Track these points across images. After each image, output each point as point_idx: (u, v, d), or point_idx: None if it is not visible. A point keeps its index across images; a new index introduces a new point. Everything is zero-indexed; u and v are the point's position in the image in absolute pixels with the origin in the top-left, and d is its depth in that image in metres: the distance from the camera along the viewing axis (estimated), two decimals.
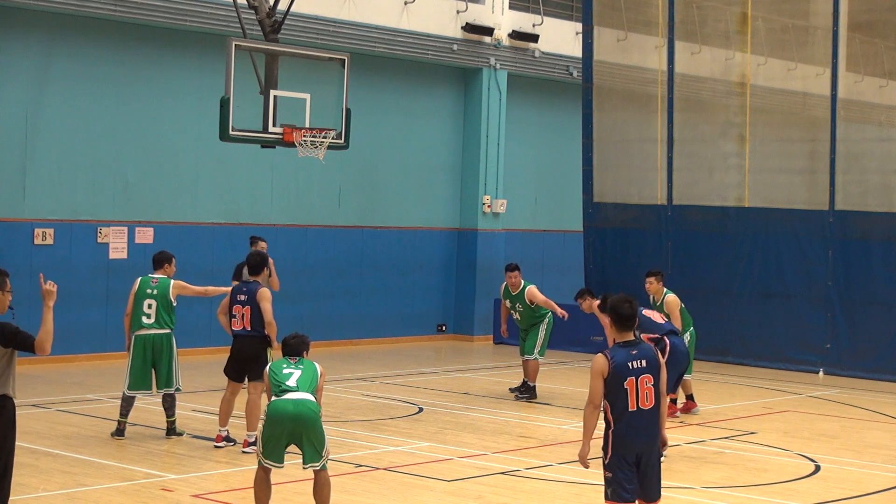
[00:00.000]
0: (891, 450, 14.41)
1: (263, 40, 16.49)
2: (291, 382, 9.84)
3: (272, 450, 9.79)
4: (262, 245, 19.06)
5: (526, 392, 17.10)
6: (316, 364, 10.09)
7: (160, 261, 13.77)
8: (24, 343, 9.00)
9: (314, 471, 9.93)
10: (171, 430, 13.53)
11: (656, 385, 8.44)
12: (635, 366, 8.37)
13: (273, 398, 9.83)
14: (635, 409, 8.34)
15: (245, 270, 13.99)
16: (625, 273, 23.92)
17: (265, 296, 13.00)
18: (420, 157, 24.52)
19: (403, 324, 24.37)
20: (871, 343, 20.68)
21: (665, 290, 16.28)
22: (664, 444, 8.64)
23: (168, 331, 13.42)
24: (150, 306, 13.43)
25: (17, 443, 12.88)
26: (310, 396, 9.82)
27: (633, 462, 8.40)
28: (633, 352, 8.42)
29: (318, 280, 22.70)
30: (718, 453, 13.82)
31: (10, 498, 10.59)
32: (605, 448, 8.46)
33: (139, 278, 13.74)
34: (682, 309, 16.29)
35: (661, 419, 8.56)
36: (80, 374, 18.35)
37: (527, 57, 25.57)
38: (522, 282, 17.32)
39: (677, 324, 15.32)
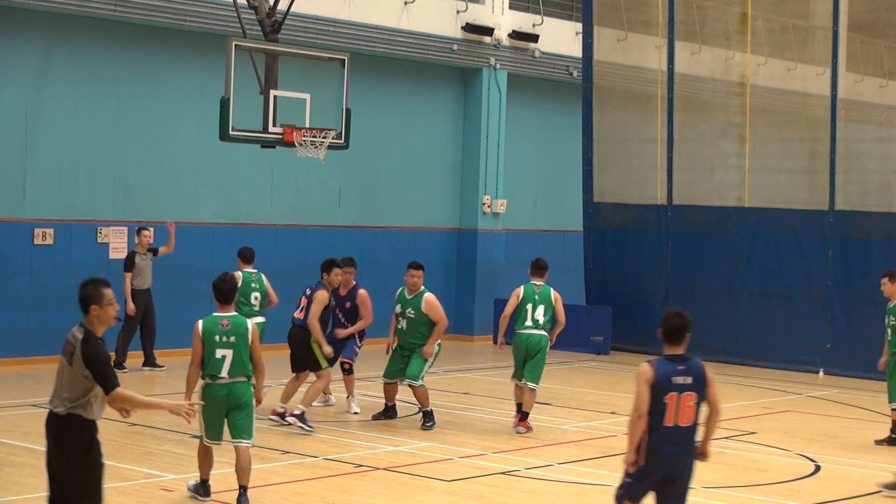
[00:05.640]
0: (891, 450, 14.42)
1: (263, 40, 16.49)
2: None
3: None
4: (147, 233, 18.98)
5: (427, 419, 14.75)
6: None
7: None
8: (102, 380, 7.66)
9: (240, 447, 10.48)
10: None
11: (698, 404, 8.15)
12: (679, 381, 8.10)
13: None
14: (671, 425, 8.09)
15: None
16: (625, 273, 23.95)
17: (318, 298, 14.23)
18: (420, 157, 24.52)
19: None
20: (871, 343, 20.60)
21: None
22: (704, 455, 8.41)
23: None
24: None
25: (17, 443, 12.93)
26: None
27: (659, 477, 8.17)
28: (680, 367, 8.16)
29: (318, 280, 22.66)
30: (718, 453, 13.80)
31: (10, 498, 10.60)
32: (636, 458, 8.21)
33: None
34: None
35: (709, 433, 8.35)
36: None
37: (527, 57, 25.57)
38: (423, 287, 14.90)
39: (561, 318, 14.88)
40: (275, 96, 16.07)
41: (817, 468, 13.16)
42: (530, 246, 26.50)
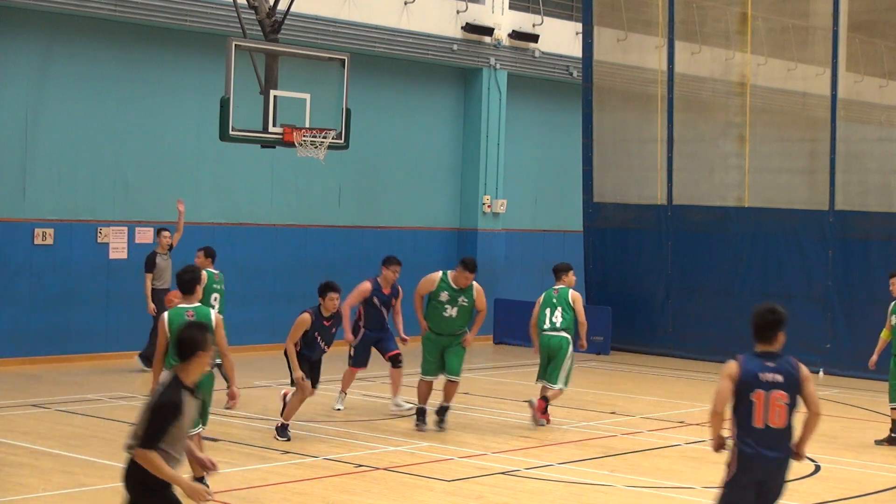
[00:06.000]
0: (891, 450, 14.42)
1: (263, 40, 16.49)
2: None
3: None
4: (167, 234, 18.86)
5: (442, 415, 14.68)
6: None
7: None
8: (145, 430, 6.92)
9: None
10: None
11: (790, 405, 7.70)
12: (767, 378, 7.68)
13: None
14: (761, 426, 7.66)
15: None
16: (625, 273, 23.95)
17: (297, 322, 13.56)
18: (420, 157, 24.52)
19: (403, 324, 24.32)
20: (871, 343, 20.56)
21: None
22: (800, 456, 8.00)
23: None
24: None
25: (17, 443, 12.93)
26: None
27: (754, 484, 7.73)
28: (769, 363, 7.76)
29: (318, 280, 22.55)
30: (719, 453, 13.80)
31: (10, 498, 10.60)
32: (729, 464, 7.80)
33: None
34: None
35: (806, 433, 7.89)
36: (80, 374, 18.34)
37: (527, 57, 25.57)
38: None
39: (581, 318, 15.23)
40: (275, 96, 16.07)
41: (817, 468, 13.15)
42: (530, 246, 26.51)
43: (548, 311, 15.14)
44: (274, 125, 16.05)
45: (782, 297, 21.66)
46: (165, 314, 10.75)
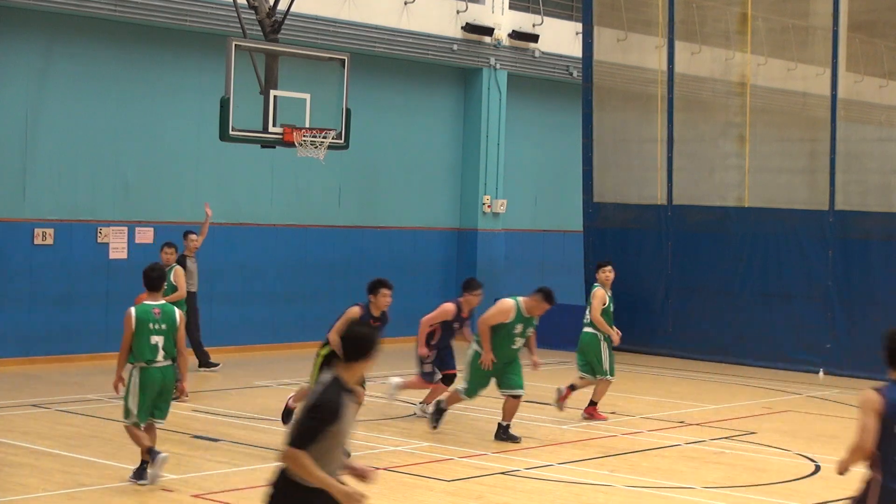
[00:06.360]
0: None
1: (263, 40, 16.49)
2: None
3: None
4: (194, 237, 18.82)
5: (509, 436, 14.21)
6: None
7: None
8: (295, 428, 6.35)
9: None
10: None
11: None
12: None
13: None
14: None
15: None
16: (625, 273, 23.93)
17: (347, 313, 13.27)
18: (420, 157, 24.52)
19: (403, 324, 24.32)
20: (871, 343, 20.52)
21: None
22: None
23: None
24: None
25: (17, 443, 12.94)
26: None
27: None
28: None
29: (318, 280, 22.69)
30: (718, 453, 13.82)
31: (10, 498, 10.60)
32: (864, 500, 7.22)
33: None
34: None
35: None
36: (80, 374, 18.34)
37: (527, 57, 25.57)
38: None
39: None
40: (275, 96, 16.06)
41: (817, 468, 13.16)
42: (530, 246, 26.51)
43: (585, 308, 16.06)
44: (274, 125, 16.05)
45: (782, 297, 21.70)
46: (132, 310, 11.13)
